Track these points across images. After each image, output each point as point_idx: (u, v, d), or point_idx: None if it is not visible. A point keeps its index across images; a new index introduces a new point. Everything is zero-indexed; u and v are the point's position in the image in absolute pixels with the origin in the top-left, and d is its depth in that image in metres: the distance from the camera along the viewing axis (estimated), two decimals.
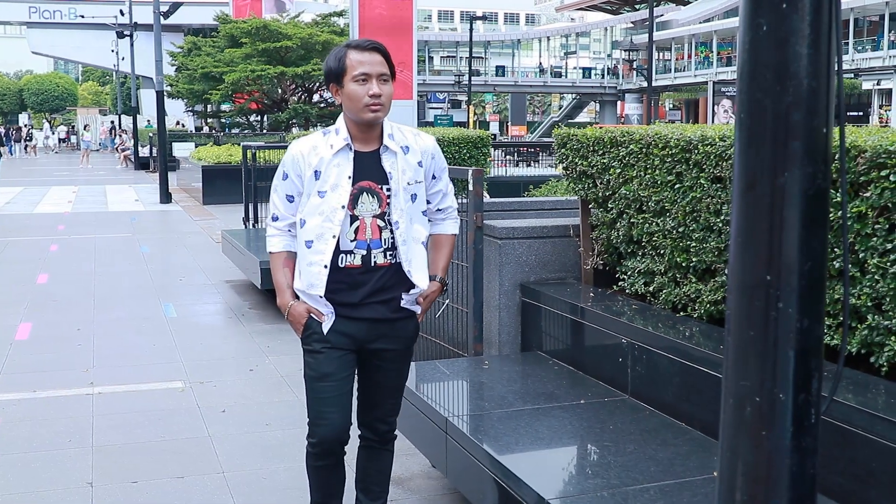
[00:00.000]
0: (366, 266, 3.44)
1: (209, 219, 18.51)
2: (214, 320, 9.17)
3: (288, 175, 3.50)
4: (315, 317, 3.51)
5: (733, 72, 53.53)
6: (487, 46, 71.84)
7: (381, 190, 3.43)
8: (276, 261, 3.59)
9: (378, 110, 3.36)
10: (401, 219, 3.45)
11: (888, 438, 3.02)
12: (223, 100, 37.61)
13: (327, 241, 3.40)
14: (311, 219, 3.43)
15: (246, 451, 5.38)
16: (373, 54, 3.38)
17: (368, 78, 3.35)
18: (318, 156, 3.42)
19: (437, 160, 3.61)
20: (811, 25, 1.78)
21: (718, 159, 4.06)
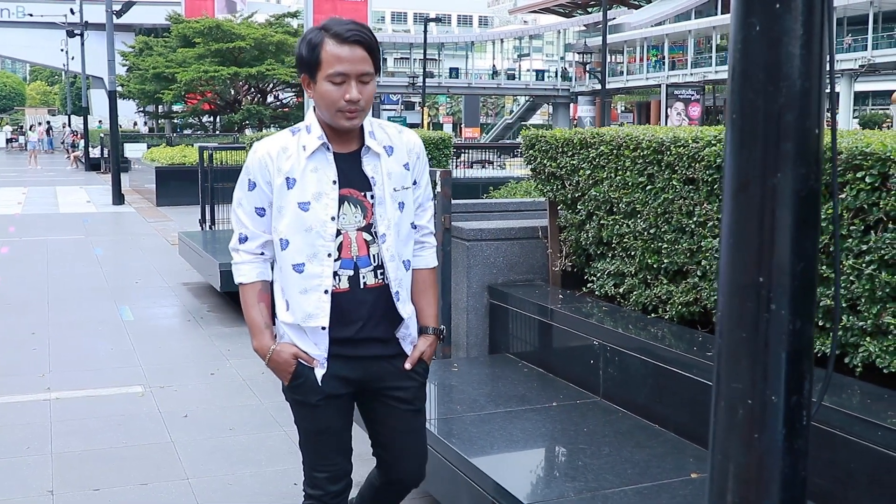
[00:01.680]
0: (354, 289, 2.86)
1: (163, 220, 18.28)
2: (172, 323, 9.04)
3: (255, 184, 2.86)
4: (305, 362, 2.90)
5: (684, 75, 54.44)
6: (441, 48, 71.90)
7: (365, 198, 2.86)
8: (248, 294, 2.94)
9: (354, 117, 2.78)
10: (388, 231, 2.87)
11: (866, 439, 3.04)
12: (175, 100, 37.32)
13: (323, 261, 2.82)
14: (295, 237, 2.83)
15: (210, 456, 5.30)
16: (354, 49, 2.72)
17: (346, 79, 2.72)
18: (289, 160, 2.82)
19: (421, 161, 3.02)
20: (804, 25, 1.78)
21: (691, 161, 4.07)
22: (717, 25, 55.61)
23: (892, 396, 3.29)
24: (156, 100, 38.67)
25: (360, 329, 2.88)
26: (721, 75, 53.95)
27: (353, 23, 2.79)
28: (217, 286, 9.00)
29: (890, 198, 3.20)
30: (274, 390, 6.57)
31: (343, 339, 2.88)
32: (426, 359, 3.05)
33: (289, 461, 5.19)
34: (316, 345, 2.88)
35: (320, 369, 2.90)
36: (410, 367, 3.00)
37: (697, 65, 55.81)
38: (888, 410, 3.15)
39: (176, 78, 34.32)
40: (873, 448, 3.02)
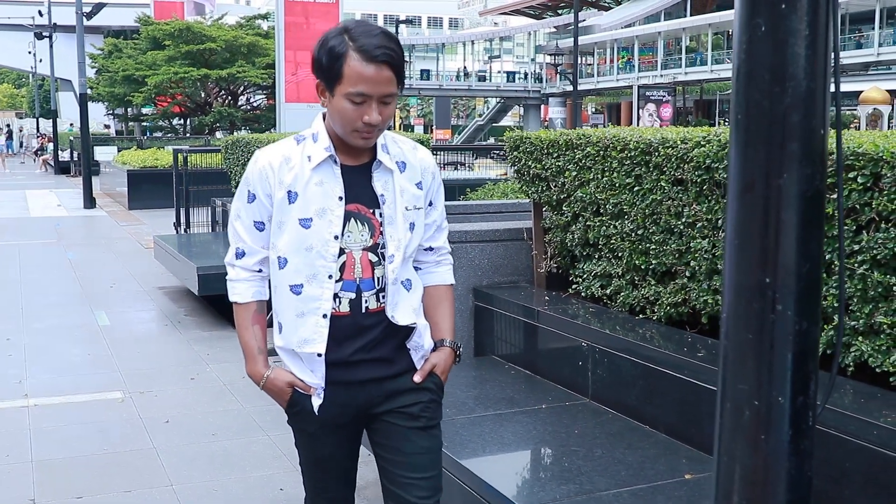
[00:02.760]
0: (355, 313, 2.61)
1: (137, 224, 18.13)
2: (150, 328, 8.95)
3: (255, 196, 2.64)
4: (301, 390, 2.68)
5: (654, 76, 54.69)
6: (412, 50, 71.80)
7: (373, 216, 2.62)
8: (242, 315, 2.73)
9: (370, 138, 2.56)
10: (397, 252, 2.63)
11: (861, 438, 3.05)
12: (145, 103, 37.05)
13: (323, 283, 2.58)
14: (295, 256, 2.60)
15: (193, 462, 5.24)
16: (381, 69, 2.45)
17: (367, 99, 2.47)
18: (291, 171, 2.59)
19: (436, 181, 2.77)
20: (809, 26, 1.77)
21: (680, 162, 4.07)
22: (686, 27, 55.92)
23: (885, 395, 3.30)
24: (125, 102, 38.40)
25: (356, 351, 2.63)
26: (691, 76, 54.31)
27: (382, 33, 2.50)
28: (195, 290, 8.92)
29: (882, 198, 3.21)
30: (255, 395, 6.52)
31: (338, 361, 2.63)
32: (440, 373, 2.76)
33: (273, 466, 5.15)
34: (312, 372, 2.65)
35: (317, 398, 2.66)
36: (420, 379, 2.71)
37: (667, 66, 56.08)
38: (882, 409, 3.16)
39: (146, 80, 34.09)
40: (868, 447, 3.03)
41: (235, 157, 11.82)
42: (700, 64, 54.35)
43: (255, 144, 11.07)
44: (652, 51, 58.88)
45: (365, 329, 2.63)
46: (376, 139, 2.60)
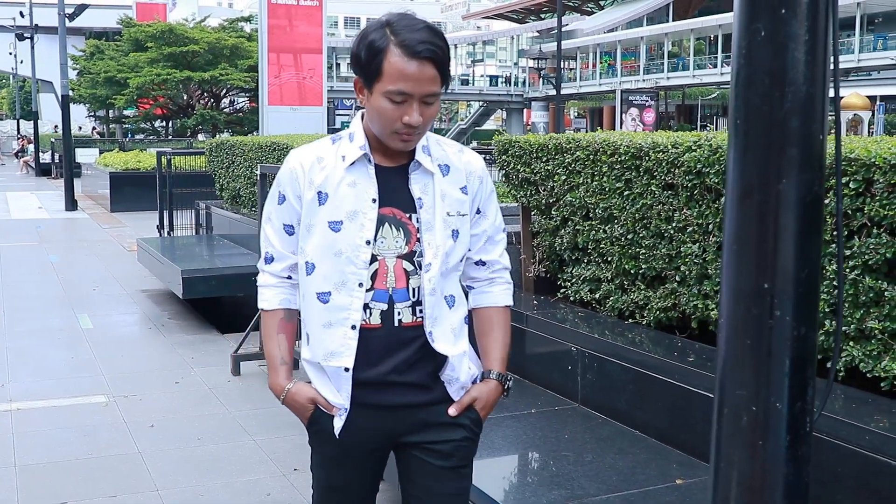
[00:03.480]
0: (387, 326, 2.39)
1: (119, 227, 18.02)
2: (133, 331, 8.89)
3: (286, 197, 2.47)
4: (323, 408, 2.47)
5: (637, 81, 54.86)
6: None
7: (410, 221, 2.41)
8: (268, 322, 2.55)
9: (410, 141, 2.37)
10: (434, 260, 2.40)
11: (853, 443, 3.05)
12: (127, 105, 36.86)
13: (352, 291, 2.38)
14: (323, 262, 2.41)
15: (179, 467, 5.20)
16: (424, 66, 2.27)
17: (408, 99, 2.29)
18: (323, 171, 2.42)
19: (484, 186, 2.54)
20: (809, 31, 1.76)
21: (670, 166, 4.07)
22: (668, 32, 56.14)
23: (876, 400, 3.31)
24: (107, 104, 38.19)
25: (389, 372, 2.41)
26: (673, 81, 54.50)
27: (426, 27, 2.32)
28: (179, 293, 8.87)
29: (874, 203, 3.22)
30: (241, 399, 6.49)
31: (368, 381, 2.41)
32: (480, 408, 2.51)
33: (260, 471, 5.12)
34: (337, 390, 2.43)
35: (339, 419, 2.45)
36: (456, 413, 2.46)
37: (649, 71, 56.26)
38: (874, 414, 3.17)
39: (128, 82, 33.92)
40: (860, 452, 3.04)
41: (219, 160, 11.78)
42: (682, 69, 54.56)
43: (239, 147, 11.04)
44: (634, 55, 59.07)
45: (399, 345, 2.41)
46: (417, 142, 2.41)
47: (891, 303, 3.24)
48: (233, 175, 11.22)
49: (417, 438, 2.47)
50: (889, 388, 3.33)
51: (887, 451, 2.97)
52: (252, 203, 10.17)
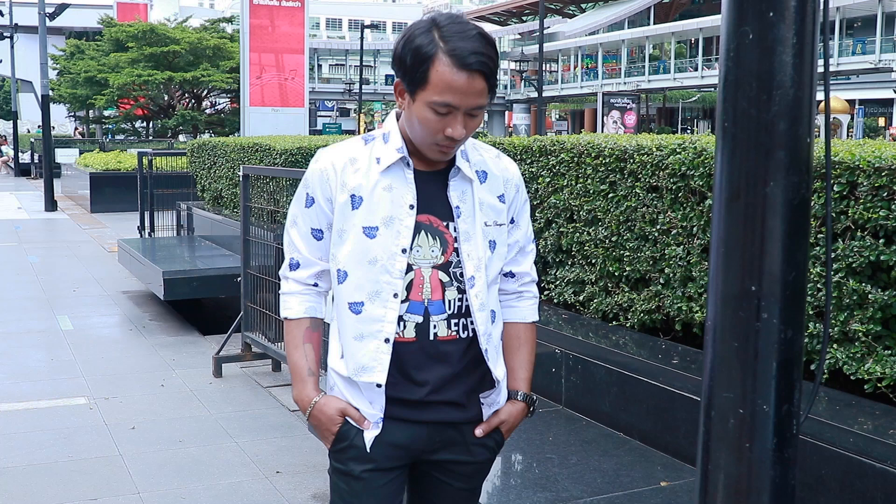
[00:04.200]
0: (422, 340, 2.28)
1: (99, 227, 17.91)
2: (114, 333, 8.83)
3: (314, 199, 2.33)
4: (354, 422, 2.32)
5: (618, 84, 55.03)
6: (377, 55, 71.85)
7: (447, 230, 2.29)
8: (293, 332, 2.40)
9: (448, 153, 2.24)
10: (478, 273, 2.29)
11: (837, 445, 3.06)
12: (108, 105, 36.68)
13: (387, 302, 2.25)
14: (356, 270, 2.28)
15: (160, 469, 5.16)
16: (474, 79, 2.13)
17: (453, 111, 2.16)
18: (356, 173, 2.28)
19: (520, 194, 2.43)
20: (797, 34, 1.77)
21: (655, 169, 4.08)
22: (650, 35, 56.35)
23: (859, 403, 3.32)
24: (87, 104, 37.99)
25: (425, 389, 2.29)
26: (654, 84, 54.70)
27: (478, 35, 2.16)
28: (160, 294, 8.82)
29: (858, 206, 3.23)
30: (223, 401, 6.46)
31: (405, 400, 2.29)
32: (505, 430, 2.42)
33: (242, 474, 5.09)
34: (370, 403, 2.30)
35: (373, 431, 2.30)
36: (483, 433, 2.36)
37: (630, 74, 56.45)
38: (858, 417, 3.18)
39: (108, 82, 33.75)
40: (843, 454, 3.05)
41: (201, 161, 11.73)
42: (663, 72, 54.76)
43: (221, 148, 10.99)
44: (615, 58, 59.27)
45: (433, 360, 2.29)
46: (455, 153, 2.28)
47: (874, 305, 3.25)
48: (214, 176, 11.17)
49: (440, 457, 2.37)
50: (872, 390, 3.35)
51: (871, 453, 2.98)
52: (234, 204, 10.13)
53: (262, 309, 7.12)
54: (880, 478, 2.93)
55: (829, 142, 1.97)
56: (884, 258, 3.16)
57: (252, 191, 7.48)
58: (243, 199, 7.22)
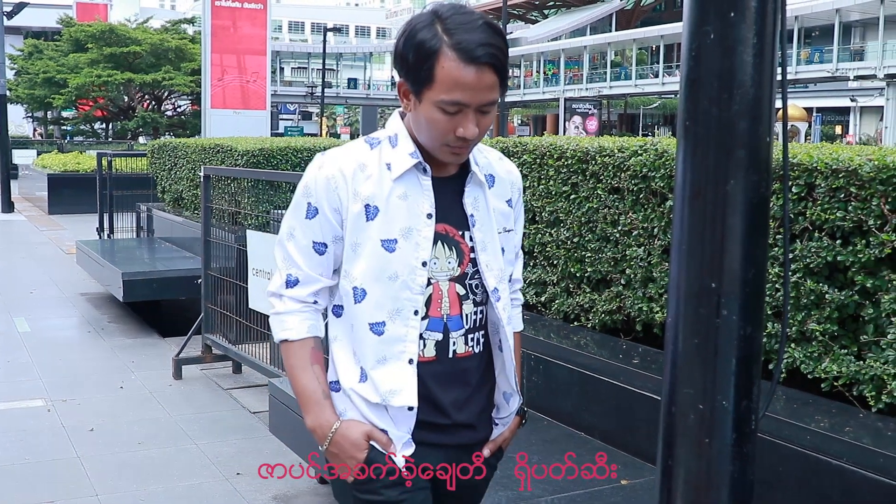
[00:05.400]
0: (442, 359, 2.13)
1: (57, 229, 17.70)
2: (72, 335, 8.74)
3: (319, 209, 2.11)
4: (380, 446, 2.12)
5: (580, 90, 55.32)
6: (339, 59, 71.76)
7: (463, 239, 2.14)
8: (297, 355, 2.17)
9: (461, 154, 2.08)
10: (500, 284, 2.18)
11: (794, 443, 3.10)
12: (66, 106, 36.30)
13: (408, 320, 2.09)
14: (376, 287, 2.09)
15: (119, 471, 5.12)
16: (483, 72, 1.96)
17: (463, 110, 1.99)
18: (368, 181, 2.08)
19: (521, 198, 2.33)
20: (757, 34, 1.79)
21: (616, 170, 4.11)
22: (611, 42, 56.75)
23: (816, 401, 3.37)
24: (46, 105, 37.58)
25: (446, 411, 2.15)
26: (615, 90, 55.09)
27: (484, 25, 2.00)
28: (119, 296, 8.74)
29: (815, 207, 3.28)
30: (183, 403, 6.42)
31: (432, 424, 2.15)
32: (506, 445, 2.35)
33: (202, 475, 5.06)
34: (396, 424, 2.12)
35: (405, 449, 2.13)
36: (490, 454, 2.28)
37: (592, 80, 56.80)
38: (815, 415, 3.22)
39: (67, 83, 33.41)
40: (801, 451, 3.09)
41: (161, 162, 11.64)
42: (625, 78, 55.19)
43: (182, 149, 10.91)
44: (578, 64, 59.59)
45: (453, 380, 2.16)
46: (468, 154, 2.12)
47: (831, 305, 3.30)
48: (175, 177, 11.10)
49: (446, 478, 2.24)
50: (829, 389, 3.39)
51: (828, 451, 3.02)
52: (195, 206, 10.06)
53: (222, 310, 7.08)
54: (836, 475, 2.97)
55: (787, 143, 2.00)
56: (840, 259, 3.21)
57: (213, 192, 7.44)
58: (204, 199, 7.18)
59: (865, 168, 3.11)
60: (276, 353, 6.24)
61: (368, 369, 2.11)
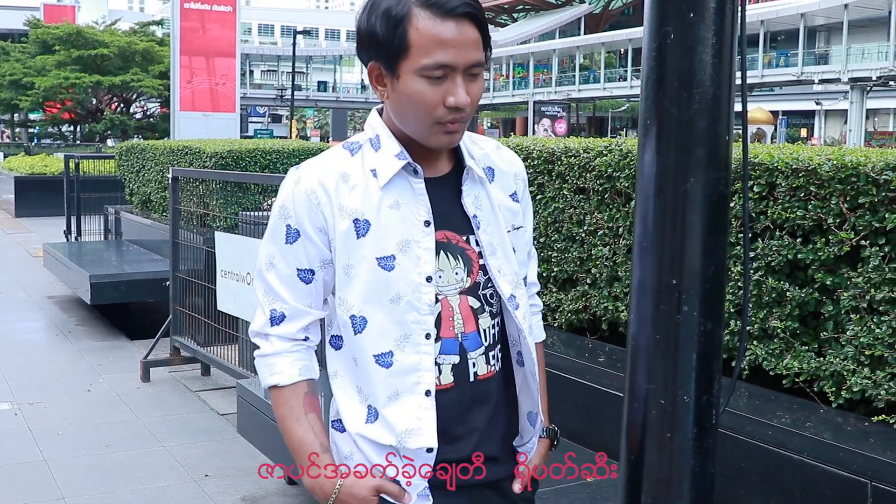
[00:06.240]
0: (462, 384, 1.87)
1: (24, 232, 17.55)
2: (39, 338, 8.67)
3: (300, 231, 1.86)
4: (393, 499, 1.85)
5: (549, 93, 55.52)
6: (309, 61, 71.58)
7: (468, 245, 1.89)
8: (288, 402, 1.91)
9: (456, 130, 1.81)
10: (517, 290, 1.93)
11: (757, 438, 3.15)
12: (33, 108, 35.98)
13: (419, 346, 1.83)
14: (377, 312, 1.83)
15: (87, 474, 5.10)
16: (463, 26, 1.75)
17: (450, 73, 1.76)
18: (354, 191, 1.83)
19: (527, 191, 2.06)
20: (716, 35, 1.82)
21: (582, 170, 4.15)
22: (580, 45, 57.04)
23: (778, 397, 3.42)
24: (12, 107, 37.22)
25: (468, 443, 1.88)
26: (584, 93, 55.36)
27: None
28: (87, 299, 8.68)
29: (776, 206, 3.33)
30: (151, 406, 6.39)
31: (450, 460, 1.87)
32: (539, 475, 2.06)
33: (170, 477, 5.05)
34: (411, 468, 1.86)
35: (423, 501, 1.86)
36: (521, 489, 1.99)
37: (561, 83, 57.07)
38: (776, 410, 3.27)
39: (34, 85, 33.13)
40: (763, 447, 3.14)
41: (130, 164, 11.58)
42: (593, 81, 55.49)
43: (150, 151, 10.87)
44: (547, 67, 59.86)
45: (475, 407, 1.90)
46: (463, 133, 1.86)
47: (792, 303, 3.35)
48: (143, 179, 11.04)
49: None
50: (791, 385, 3.44)
51: (788, 446, 3.07)
52: (163, 208, 10.02)
53: (191, 313, 7.06)
54: (798, 469, 3.02)
55: (747, 143, 2.04)
56: (801, 257, 3.26)
57: (181, 194, 7.42)
58: (172, 201, 7.15)
59: (825, 167, 3.17)
60: (244, 354, 6.23)
61: (380, 407, 1.84)
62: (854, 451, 2.93)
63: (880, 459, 2.86)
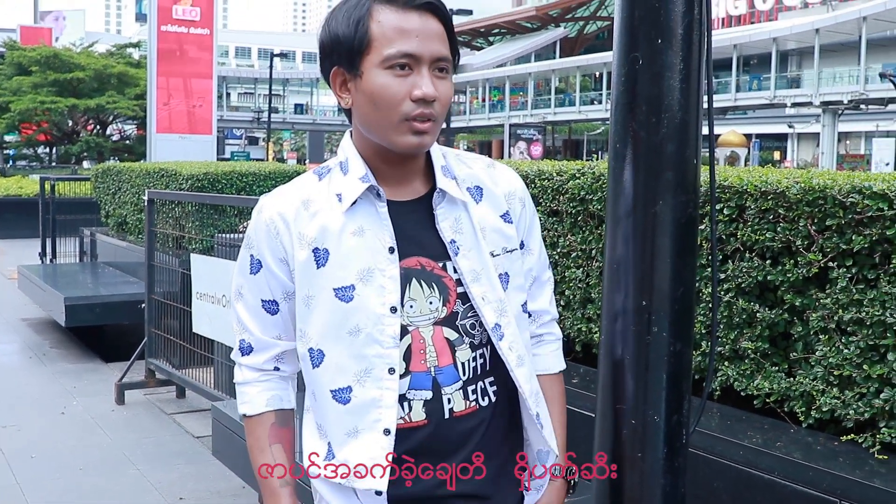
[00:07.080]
0: (436, 421, 1.76)
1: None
2: (13, 360, 8.61)
3: (262, 262, 1.82)
4: None
5: (525, 116, 55.77)
6: (286, 84, 71.70)
7: (445, 272, 1.78)
8: (255, 431, 1.88)
9: (426, 130, 1.72)
10: (503, 318, 1.81)
11: (728, 458, 3.18)
12: (8, 130, 35.77)
13: (381, 381, 1.73)
14: (335, 346, 1.76)
15: (61, 498, 5.07)
16: (425, 18, 1.71)
17: (415, 64, 1.69)
18: (314, 219, 1.76)
19: (528, 210, 1.92)
20: (684, 60, 1.85)
21: (555, 193, 4.19)
22: (556, 69, 57.38)
23: (749, 417, 3.45)
24: None
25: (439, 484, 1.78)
26: (560, 116, 55.66)
27: None
28: (62, 321, 8.64)
29: (746, 229, 3.38)
30: (125, 429, 6.36)
31: (411, 498, 1.77)
32: None
33: (144, 500, 5.03)
34: None
35: None
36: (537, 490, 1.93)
37: (537, 106, 57.36)
38: (747, 431, 3.31)
39: (10, 107, 32.96)
40: (733, 466, 3.17)
41: (106, 186, 11.55)
42: (569, 105, 55.81)
43: (126, 173, 10.84)
44: (522, 91, 60.15)
45: (452, 445, 1.78)
46: (434, 139, 1.77)
47: (762, 324, 3.39)
48: (119, 202, 11.01)
49: None
50: (762, 405, 3.48)
51: (759, 465, 3.11)
52: (139, 230, 10.00)
53: (166, 335, 7.05)
54: (768, 489, 3.05)
55: (714, 165, 2.07)
56: (770, 278, 3.31)
57: (157, 216, 7.41)
58: (148, 223, 7.15)
59: (793, 190, 3.22)
60: (219, 377, 6.22)
61: (336, 445, 1.77)
62: (824, 470, 2.97)
63: (849, 478, 2.90)
